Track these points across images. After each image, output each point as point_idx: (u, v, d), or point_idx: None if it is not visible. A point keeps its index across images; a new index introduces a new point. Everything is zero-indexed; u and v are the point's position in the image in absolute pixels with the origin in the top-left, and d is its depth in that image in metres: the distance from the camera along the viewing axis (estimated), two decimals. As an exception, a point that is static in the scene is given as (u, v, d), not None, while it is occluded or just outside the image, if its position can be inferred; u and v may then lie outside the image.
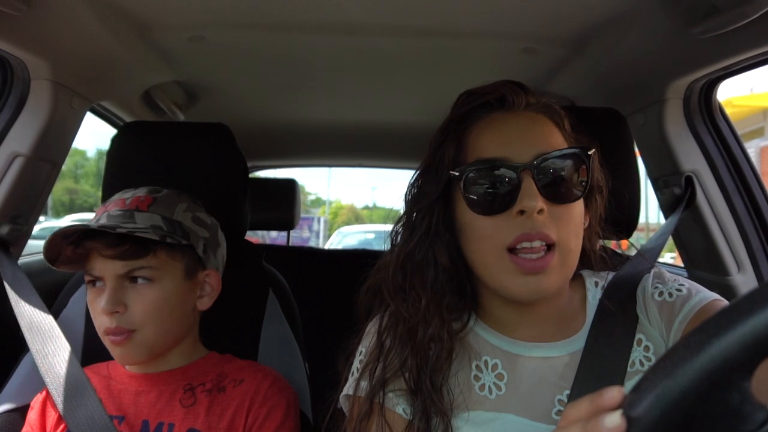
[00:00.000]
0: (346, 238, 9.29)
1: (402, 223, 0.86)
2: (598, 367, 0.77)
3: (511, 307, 0.81)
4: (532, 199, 0.73)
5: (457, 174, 0.79)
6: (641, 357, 0.78)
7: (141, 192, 1.04)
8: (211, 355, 1.10)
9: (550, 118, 0.82)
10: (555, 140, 0.79)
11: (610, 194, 0.89)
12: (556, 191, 0.75)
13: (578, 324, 0.83)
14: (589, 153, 0.78)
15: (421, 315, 0.80)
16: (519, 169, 0.74)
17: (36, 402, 1.05)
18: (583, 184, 0.78)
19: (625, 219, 1.11)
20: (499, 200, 0.75)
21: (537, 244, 0.73)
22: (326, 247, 7.78)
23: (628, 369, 0.77)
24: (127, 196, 1.04)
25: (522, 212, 0.73)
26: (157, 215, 1.00)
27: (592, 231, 0.86)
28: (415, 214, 0.85)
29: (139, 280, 0.97)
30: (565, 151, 0.77)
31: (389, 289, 0.84)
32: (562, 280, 0.77)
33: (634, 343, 0.79)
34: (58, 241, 0.96)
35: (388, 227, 0.89)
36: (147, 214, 1.00)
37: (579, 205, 0.78)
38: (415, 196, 0.86)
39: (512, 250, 0.74)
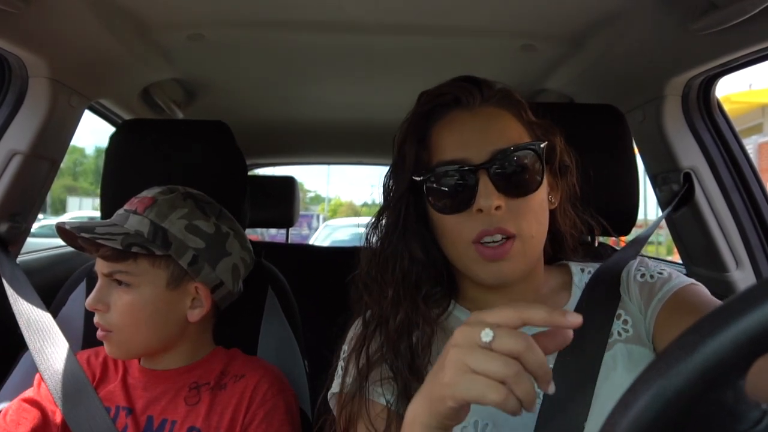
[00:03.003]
0: (335, 232, 8.02)
1: (376, 219, 0.90)
2: (579, 341, 0.79)
3: (486, 288, 0.84)
4: (488, 198, 0.76)
5: (418, 179, 0.83)
6: (619, 328, 0.82)
7: (151, 192, 1.04)
8: (218, 350, 1.10)
9: (507, 111, 0.84)
10: (512, 133, 0.82)
11: (609, 191, 0.90)
12: (512, 186, 0.79)
13: (560, 304, 0.86)
14: (542, 146, 0.81)
15: (389, 305, 0.84)
16: (475, 169, 0.78)
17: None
18: (538, 176, 0.81)
19: (623, 216, 1.11)
20: (459, 200, 0.80)
21: (497, 237, 0.77)
22: (311, 242, 7.07)
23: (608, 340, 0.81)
24: (142, 195, 1.04)
25: (481, 210, 0.77)
26: (147, 220, 0.99)
27: (564, 211, 0.89)
28: (386, 210, 0.88)
29: (121, 284, 0.98)
30: (519, 147, 0.80)
31: (363, 283, 0.87)
32: (525, 264, 0.81)
33: (614, 317, 0.82)
34: (60, 235, 1.00)
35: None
36: (139, 218, 0.99)
37: (538, 195, 0.81)
38: (386, 193, 0.90)
39: (476, 241, 0.79)
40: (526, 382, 0.53)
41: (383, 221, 0.88)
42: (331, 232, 8.04)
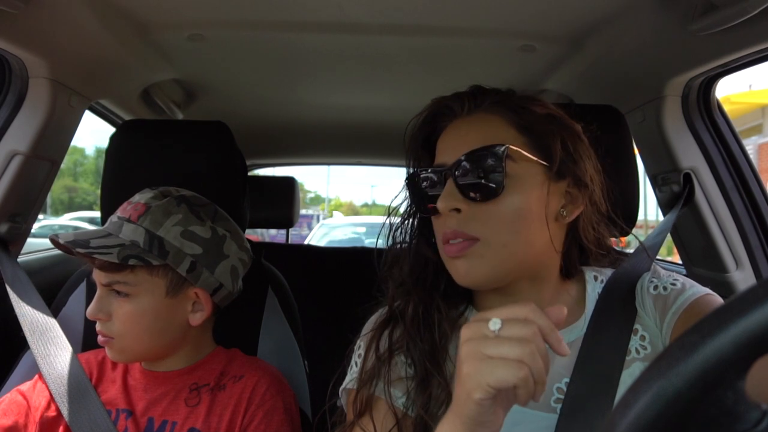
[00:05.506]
0: (333, 232, 7.62)
1: (399, 222, 0.92)
2: (596, 356, 0.78)
3: (492, 294, 0.84)
4: (444, 200, 0.77)
5: (406, 183, 0.87)
6: (637, 345, 0.80)
7: (143, 198, 1.02)
8: (218, 351, 1.10)
9: (500, 115, 0.81)
10: (497, 138, 0.78)
11: (609, 191, 0.89)
12: (472, 190, 0.77)
13: (576, 315, 0.84)
14: (502, 149, 0.76)
15: (408, 299, 0.86)
16: (443, 172, 0.80)
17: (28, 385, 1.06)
18: (498, 180, 0.76)
19: (623, 216, 1.11)
20: (430, 203, 0.81)
21: (458, 239, 0.77)
22: (307, 242, 6.86)
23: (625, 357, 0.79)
24: (135, 199, 1.03)
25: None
26: (141, 228, 0.98)
27: (586, 227, 0.84)
28: (404, 214, 0.91)
29: (120, 294, 0.97)
30: (478, 150, 0.77)
31: (389, 284, 0.89)
32: (487, 268, 0.77)
33: (630, 333, 0.81)
34: (56, 246, 0.99)
35: (381, 219, 0.94)
36: (133, 227, 0.98)
37: (507, 202, 0.76)
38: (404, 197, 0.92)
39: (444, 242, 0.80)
40: (540, 361, 0.55)
41: (400, 226, 0.91)
42: (328, 231, 7.69)
